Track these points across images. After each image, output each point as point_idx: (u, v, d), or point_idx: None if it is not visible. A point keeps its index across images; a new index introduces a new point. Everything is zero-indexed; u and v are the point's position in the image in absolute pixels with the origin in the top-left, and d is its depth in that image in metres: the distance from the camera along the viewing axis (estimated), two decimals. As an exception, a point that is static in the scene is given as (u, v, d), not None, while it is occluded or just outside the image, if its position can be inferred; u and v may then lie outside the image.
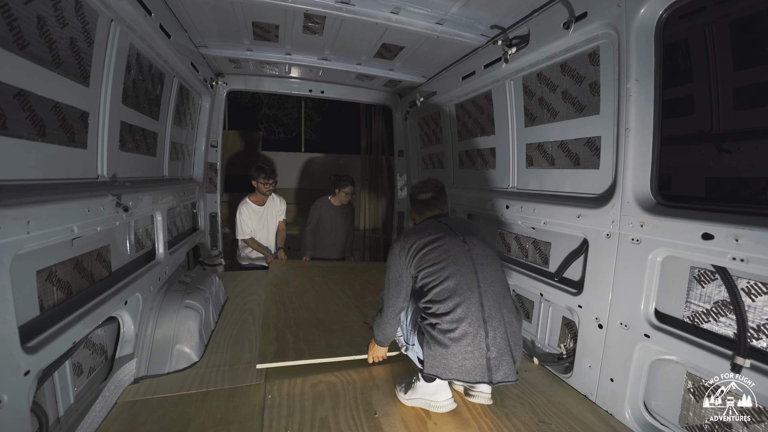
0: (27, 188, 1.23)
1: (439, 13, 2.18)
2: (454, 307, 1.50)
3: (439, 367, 1.51)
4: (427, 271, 1.58)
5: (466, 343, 1.47)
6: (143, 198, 2.00)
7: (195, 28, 2.52)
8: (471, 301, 1.52)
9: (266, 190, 3.66)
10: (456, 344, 1.47)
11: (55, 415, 1.44)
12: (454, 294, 1.52)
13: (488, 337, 1.49)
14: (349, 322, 2.46)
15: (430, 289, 1.56)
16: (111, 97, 1.73)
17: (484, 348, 1.48)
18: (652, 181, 1.58)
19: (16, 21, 1.14)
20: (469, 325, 1.48)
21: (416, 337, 1.64)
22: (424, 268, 1.59)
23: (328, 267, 3.74)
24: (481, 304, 1.53)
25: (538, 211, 2.17)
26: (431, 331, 1.52)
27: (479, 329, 1.49)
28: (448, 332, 1.48)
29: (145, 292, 1.99)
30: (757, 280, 1.25)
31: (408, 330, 1.73)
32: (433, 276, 1.57)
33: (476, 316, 1.50)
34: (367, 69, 3.30)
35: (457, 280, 1.54)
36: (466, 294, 1.53)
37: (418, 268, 1.61)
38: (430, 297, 1.56)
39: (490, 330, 1.50)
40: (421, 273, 1.60)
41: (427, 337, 1.54)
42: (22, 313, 1.21)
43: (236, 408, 1.66)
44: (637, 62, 1.55)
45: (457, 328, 1.47)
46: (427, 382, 1.64)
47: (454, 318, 1.49)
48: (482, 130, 2.86)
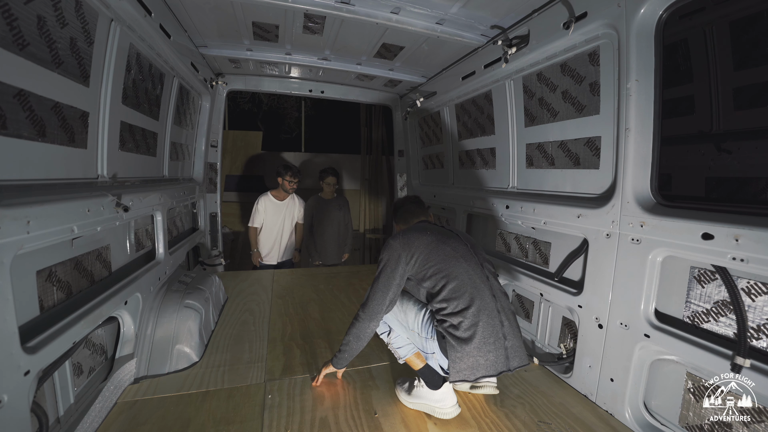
0: (27, 188, 1.23)
1: (439, 13, 2.18)
2: (471, 300, 1.51)
3: (466, 369, 1.46)
4: (437, 267, 1.57)
5: (488, 334, 1.48)
6: (143, 198, 2.00)
7: (195, 28, 2.52)
8: (485, 293, 1.55)
9: (290, 187, 3.78)
10: (480, 338, 1.47)
11: (55, 415, 1.44)
12: (469, 288, 1.54)
13: (503, 327, 1.53)
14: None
15: (443, 287, 1.54)
16: (111, 97, 1.73)
17: (501, 337, 1.51)
18: (652, 181, 1.58)
19: (16, 21, 1.14)
20: (489, 317, 1.51)
21: (436, 344, 1.56)
22: (433, 264, 1.58)
23: (332, 273, 3.77)
24: (493, 296, 1.57)
25: (538, 211, 2.17)
26: (454, 332, 1.48)
27: (495, 320, 1.52)
28: (471, 327, 1.47)
29: (145, 292, 1.99)
30: (757, 280, 1.25)
31: (424, 338, 1.61)
32: (444, 272, 1.56)
33: (491, 308, 1.53)
34: (367, 69, 3.30)
35: (469, 275, 1.57)
36: (480, 287, 1.56)
37: (424, 264, 1.59)
38: (443, 295, 1.53)
39: (504, 320, 1.54)
40: (431, 269, 1.57)
41: (450, 339, 1.48)
42: (22, 313, 1.21)
43: (236, 408, 1.66)
44: (637, 62, 1.55)
45: (479, 322, 1.48)
46: (432, 389, 1.62)
47: (474, 311, 1.50)
48: (482, 130, 2.86)
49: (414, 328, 1.65)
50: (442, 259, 1.58)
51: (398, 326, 1.73)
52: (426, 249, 1.61)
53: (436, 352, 1.58)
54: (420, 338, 1.64)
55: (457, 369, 1.47)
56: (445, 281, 1.54)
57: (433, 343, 1.58)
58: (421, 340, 1.64)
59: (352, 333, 1.68)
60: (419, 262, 1.60)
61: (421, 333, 1.63)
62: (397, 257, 1.62)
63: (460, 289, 1.53)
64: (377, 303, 1.62)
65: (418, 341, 1.66)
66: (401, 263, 1.61)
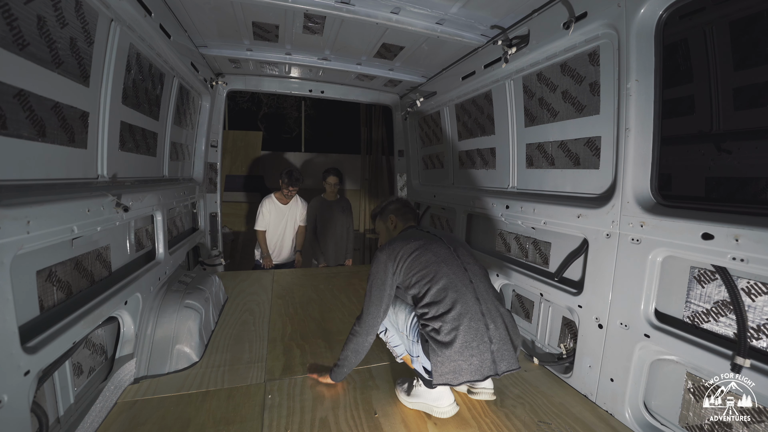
0: (27, 188, 1.23)
1: (439, 13, 2.18)
2: (453, 304, 1.50)
3: (449, 373, 1.45)
4: (420, 274, 1.58)
5: (470, 338, 1.46)
6: (143, 198, 2.00)
7: (195, 28, 2.52)
8: (467, 297, 1.53)
9: (287, 194, 3.81)
10: (461, 342, 1.46)
11: (55, 415, 1.44)
12: (450, 292, 1.53)
13: (489, 330, 1.50)
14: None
15: (426, 293, 1.55)
16: (111, 97, 1.73)
17: (487, 341, 1.49)
18: (652, 181, 1.58)
19: (16, 21, 1.14)
20: (471, 320, 1.49)
21: (420, 347, 1.58)
22: (416, 272, 1.58)
23: (332, 273, 3.77)
24: (477, 299, 1.55)
25: (538, 211, 2.17)
26: (435, 336, 1.49)
27: (479, 323, 1.50)
28: (452, 331, 1.47)
29: (145, 292, 1.99)
30: (757, 280, 1.25)
31: (411, 341, 1.64)
32: (427, 278, 1.56)
33: (475, 311, 1.51)
34: (367, 69, 3.30)
35: (450, 279, 1.56)
36: (462, 291, 1.54)
37: (408, 273, 1.60)
38: (426, 300, 1.55)
39: (489, 323, 1.52)
40: (414, 277, 1.58)
41: (432, 343, 1.49)
42: (22, 313, 1.21)
43: (236, 408, 1.66)
44: (637, 62, 1.55)
45: (460, 326, 1.47)
46: (429, 388, 1.62)
47: (454, 315, 1.48)
48: (482, 130, 2.86)
49: (403, 330, 1.68)
50: (425, 266, 1.59)
51: (391, 327, 1.76)
52: (410, 257, 1.61)
53: (420, 356, 1.59)
54: (408, 341, 1.66)
55: (440, 372, 1.46)
56: (429, 287, 1.55)
57: (417, 346, 1.59)
58: (408, 343, 1.66)
59: (350, 348, 1.69)
60: (404, 271, 1.61)
61: (408, 336, 1.65)
62: (384, 269, 1.64)
63: (440, 293, 1.53)
64: (372, 317, 1.64)
65: (407, 343, 1.68)
66: (389, 274, 1.63)
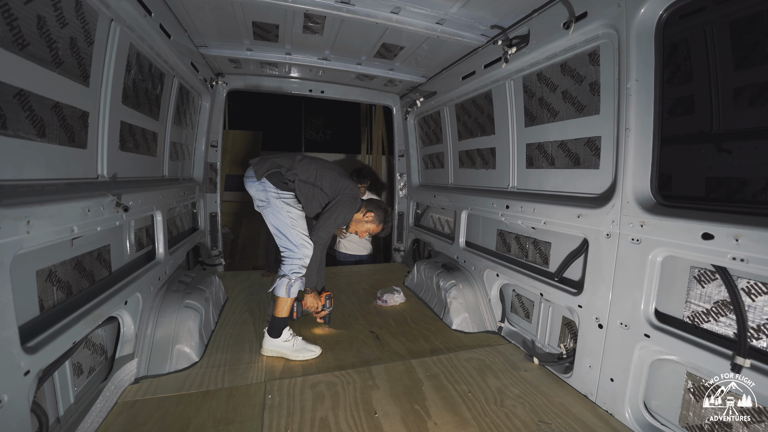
0: (27, 188, 1.23)
1: (439, 13, 2.18)
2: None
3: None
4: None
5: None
6: (143, 198, 2.00)
7: (195, 28, 2.52)
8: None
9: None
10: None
11: (55, 415, 1.44)
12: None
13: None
14: (355, 332, 2.48)
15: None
16: (111, 97, 1.73)
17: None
18: (652, 181, 1.58)
19: (16, 21, 1.14)
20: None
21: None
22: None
23: (332, 273, 3.76)
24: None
25: (538, 211, 2.17)
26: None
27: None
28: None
29: (145, 292, 1.99)
30: (757, 280, 1.25)
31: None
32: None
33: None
34: (367, 69, 3.30)
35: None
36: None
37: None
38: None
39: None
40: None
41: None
42: (22, 313, 1.21)
43: (236, 408, 1.66)
44: (637, 62, 1.55)
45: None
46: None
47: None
48: (482, 130, 2.86)
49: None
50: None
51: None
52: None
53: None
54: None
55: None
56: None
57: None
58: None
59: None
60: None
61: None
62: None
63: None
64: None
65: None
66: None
